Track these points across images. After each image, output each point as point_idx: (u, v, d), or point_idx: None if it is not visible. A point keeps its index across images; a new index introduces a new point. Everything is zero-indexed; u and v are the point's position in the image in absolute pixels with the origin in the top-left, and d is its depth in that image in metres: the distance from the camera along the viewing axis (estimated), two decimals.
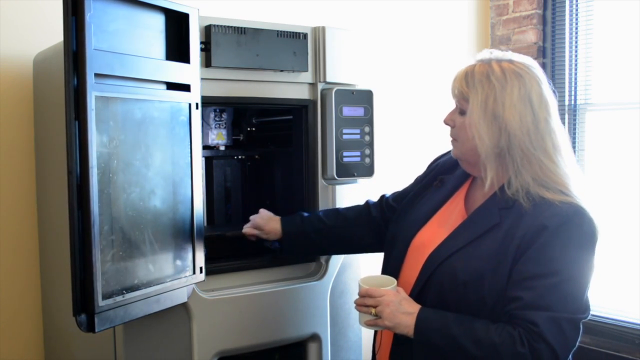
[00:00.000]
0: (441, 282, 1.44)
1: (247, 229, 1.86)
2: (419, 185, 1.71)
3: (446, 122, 1.55)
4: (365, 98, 2.00)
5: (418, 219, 1.60)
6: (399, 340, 1.50)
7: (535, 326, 1.32)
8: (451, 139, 1.55)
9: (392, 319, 1.43)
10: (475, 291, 1.39)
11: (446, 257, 1.45)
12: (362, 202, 1.88)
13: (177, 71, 1.61)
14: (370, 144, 2.02)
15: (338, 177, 1.96)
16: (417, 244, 1.56)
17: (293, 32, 1.90)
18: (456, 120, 1.52)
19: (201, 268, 1.68)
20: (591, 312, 1.44)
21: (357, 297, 1.50)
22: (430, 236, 1.54)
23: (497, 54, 1.49)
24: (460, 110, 1.50)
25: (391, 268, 1.59)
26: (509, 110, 1.41)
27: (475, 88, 1.45)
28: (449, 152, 1.67)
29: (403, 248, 1.58)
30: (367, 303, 1.46)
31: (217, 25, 1.77)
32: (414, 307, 1.43)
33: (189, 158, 1.64)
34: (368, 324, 1.48)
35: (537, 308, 1.33)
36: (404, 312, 1.43)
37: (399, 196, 1.80)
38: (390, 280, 1.51)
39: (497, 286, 1.38)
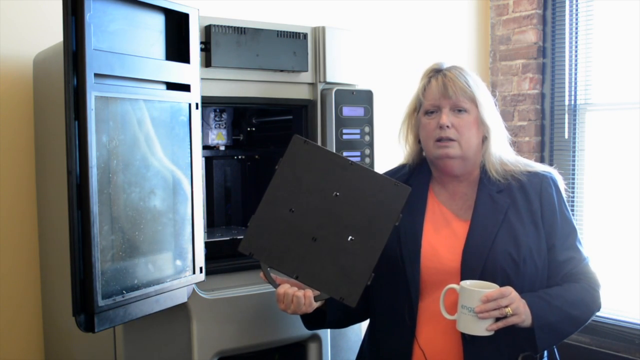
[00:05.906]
0: (503, 268, 1.51)
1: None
2: None
3: (447, 124, 1.55)
4: (365, 98, 2.00)
5: (414, 232, 1.60)
6: (473, 337, 1.47)
7: (592, 274, 1.56)
8: (449, 140, 1.56)
9: (524, 310, 1.44)
10: (532, 263, 1.53)
11: (490, 247, 1.51)
12: None
13: (177, 71, 1.61)
14: (370, 144, 2.02)
15: None
16: (429, 253, 1.57)
17: (293, 32, 1.91)
18: (456, 120, 1.56)
19: (201, 268, 1.68)
20: None
21: (467, 307, 1.43)
22: (438, 241, 1.58)
23: (442, 61, 1.64)
24: (458, 110, 1.56)
25: (415, 283, 1.56)
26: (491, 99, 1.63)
27: (477, 85, 1.58)
28: (394, 169, 1.76)
29: (415, 263, 1.56)
30: (503, 304, 1.41)
31: (217, 25, 1.77)
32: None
33: (189, 158, 1.64)
34: (497, 326, 1.43)
35: (583, 259, 1.57)
36: (523, 303, 1.46)
37: None
38: (486, 283, 1.48)
39: (543, 253, 1.55)
